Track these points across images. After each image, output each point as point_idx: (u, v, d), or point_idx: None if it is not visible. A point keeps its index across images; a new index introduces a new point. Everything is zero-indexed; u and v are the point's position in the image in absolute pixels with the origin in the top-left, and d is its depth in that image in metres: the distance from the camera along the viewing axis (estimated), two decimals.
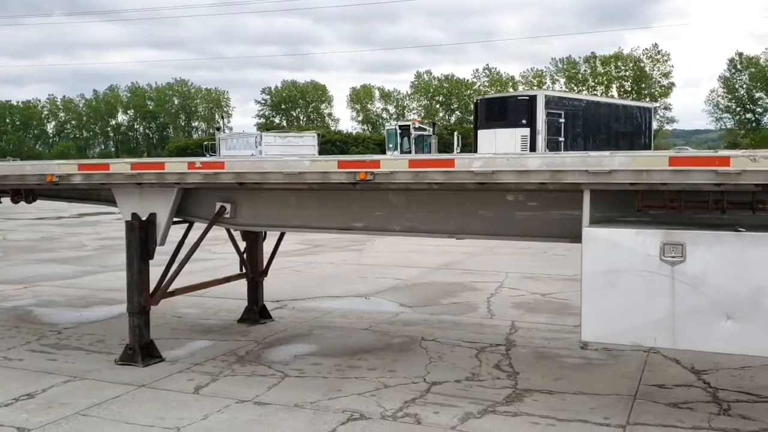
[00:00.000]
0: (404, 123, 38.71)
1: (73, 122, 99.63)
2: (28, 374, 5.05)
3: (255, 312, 6.66)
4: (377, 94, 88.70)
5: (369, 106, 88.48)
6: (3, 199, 6.40)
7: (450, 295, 8.06)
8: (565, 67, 76.88)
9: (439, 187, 4.25)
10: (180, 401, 4.44)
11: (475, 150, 26.82)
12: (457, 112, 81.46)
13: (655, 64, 73.70)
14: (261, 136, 41.82)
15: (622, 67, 74.70)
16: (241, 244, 6.59)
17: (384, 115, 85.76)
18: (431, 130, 37.81)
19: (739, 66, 70.31)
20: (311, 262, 10.85)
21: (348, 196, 4.85)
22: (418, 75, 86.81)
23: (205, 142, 48.21)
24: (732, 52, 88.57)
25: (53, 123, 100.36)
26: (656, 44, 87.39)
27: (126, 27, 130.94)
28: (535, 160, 3.92)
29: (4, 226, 17.49)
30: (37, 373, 5.07)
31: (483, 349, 5.65)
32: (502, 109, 27.16)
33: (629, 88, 73.33)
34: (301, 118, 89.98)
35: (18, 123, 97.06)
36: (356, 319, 6.84)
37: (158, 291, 5.35)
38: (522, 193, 4.37)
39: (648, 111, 32.63)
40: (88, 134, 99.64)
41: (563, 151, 24.03)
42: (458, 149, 33.48)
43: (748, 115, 70.72)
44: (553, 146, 25.40)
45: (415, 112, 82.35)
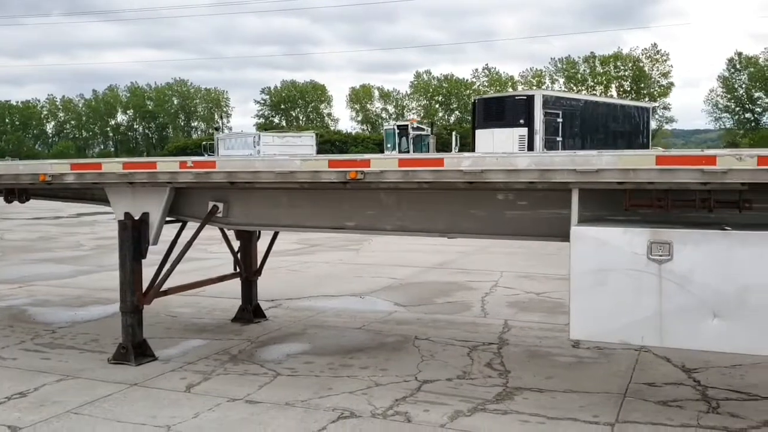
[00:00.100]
0: (402, 123, 38.71)
1: (72, 122, 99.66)
2: (22, 373, 5.06)
3: (249, 311, 6.68)
4: (376, 94, 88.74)
5: (368, 106, 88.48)
6: None
7: (444, 294, 8.08)
8: (564, 67, 76.90)
9: (429, 186, 4.28)
10: (172, 400, 4.46)
11: (473, 150, 26.84)
12: (456, 112, 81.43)
13: (654, 64, 73.72)
14: (259, 136, 41.86)
15: (622, 67, 74.70)
16: (236, 243, 6.60)
17: (383, 115, 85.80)
18: (429, 129, 37.83)
19: (738, 66, 70.32)
20: (307, 262, 10.87)
21: (339, 195, 4.86)
22: (418, 75, 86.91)
23: (204, 142, 48.27)
24: (731, 51, 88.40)
25: (52, 123, 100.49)
26: (655, 44, 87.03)
27: (125, 27, 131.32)
28: (523, 160, 3.94)
29: (2, 225, 17.51)
30: (31, 372, 5.09)
31: (475, 347, 5.67)
32: (499, 109, 27.16)
33: (628, 88, 73.34)
34: (301, 118, 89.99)
35: (17, 123, 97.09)
36: (350, 318, 6.86)
37: (151, 290, 5.36)
38: (512, 193, 4.39)
39: (646, 111, 32.63)
40: (87, 134, 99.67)
41: (561, 150, 24.05)
42: (456, 149, 33.48)
43: (747, 115, 70.73)
44: (551, 146, 25.40)
45: (414, 112, 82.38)
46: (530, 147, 25.02)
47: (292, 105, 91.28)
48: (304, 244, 12.91)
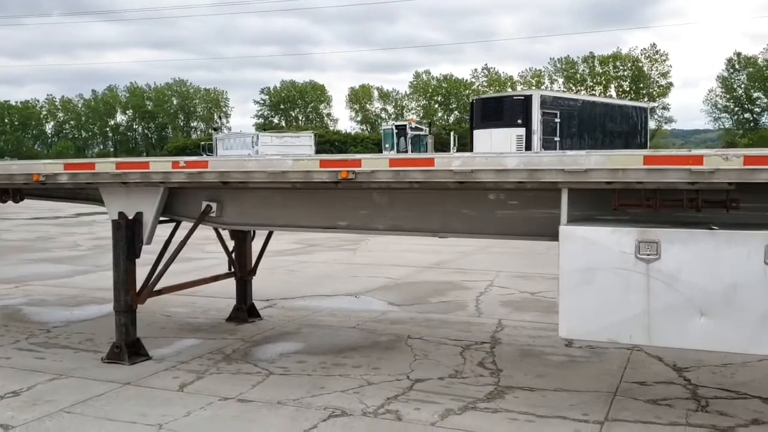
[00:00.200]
0: (401, 123, 38.74)
1: (71, 122, 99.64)
2: (15, 372, 5.08)
3: (243, 311, 6.70)
4: (376, 94, 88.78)
5: (368, 106, 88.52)
6: None
7: (439, 294, 8.10)
8: (563, 67, 76.95)
9: (420, 186, 4.30)
10: (164, 398, 4.48)
11: (471, 150, 26.85)
12: (455, 112, 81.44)
13: (653, 64, 73.80)
14: (258, 136, 41.88)
15: (621, 67, 74.76)
16: (230, 243, 6.62)
17: (383, 115, 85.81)
18: (427, 129, 37.86)
19: (737, 66, 70.37)
20: (304, 262, 10.89)
21: (332, 195, 4.89)
22: (417, 75, 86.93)
23: (203, 142, 48.29)
24: (730, 51, 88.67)
25: (52, 123, 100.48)
26: (654, 44, 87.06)
27: (124, 27, 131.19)
28: (512, 159, 3.96)
29: (0, 226, 17.52)
30: (24, 371, 5.11)
31: (468, 346, 5.69)
32: (497, 109, 27.19)
33: (627, 88, 73.40)
34: (300, 118, 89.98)
35: (17, 123, 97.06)
36: (344, 317, 6.88)
37: (145, 290, 5.38)
38: (502, 192, 4.42)
39: (644, 111, 32.66)
40: (86, 134, 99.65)
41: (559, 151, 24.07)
42: (455, 149, 33.48)
43: (747, 115, 70.78)
44: (548, 146, 25.41)
45: (413, 112, 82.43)
46: (528, 147, 25.04)
47: (292, 105, 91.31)
48: (302, 244, 12.93)
